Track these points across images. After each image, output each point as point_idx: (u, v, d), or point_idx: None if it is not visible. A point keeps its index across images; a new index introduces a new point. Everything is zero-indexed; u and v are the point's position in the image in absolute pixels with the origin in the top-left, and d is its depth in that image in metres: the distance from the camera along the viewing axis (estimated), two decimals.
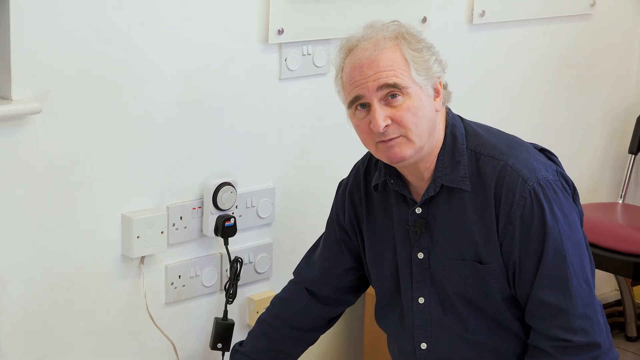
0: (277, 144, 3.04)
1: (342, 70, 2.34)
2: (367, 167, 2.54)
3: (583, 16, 3.86)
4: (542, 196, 2.27)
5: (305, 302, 2.65)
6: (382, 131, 2.26)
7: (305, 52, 3.03)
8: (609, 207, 3.99)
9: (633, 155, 4.08)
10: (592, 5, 3.85)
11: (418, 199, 2.39)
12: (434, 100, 2.31)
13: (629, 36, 4.09)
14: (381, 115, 2.26)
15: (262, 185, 3.03)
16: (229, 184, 2.89)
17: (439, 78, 2.33)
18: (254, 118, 2.97)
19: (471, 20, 3.47)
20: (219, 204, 2.88)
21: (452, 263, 2.37)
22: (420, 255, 2.41)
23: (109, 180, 2.71)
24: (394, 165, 2.37)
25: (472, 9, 3.46)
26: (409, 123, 2.26)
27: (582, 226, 2.38)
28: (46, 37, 2.52)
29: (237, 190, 2.92)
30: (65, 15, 2.54)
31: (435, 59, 2.32)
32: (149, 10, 2.69)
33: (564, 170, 2.39)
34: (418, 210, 2.39)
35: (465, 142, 2.35)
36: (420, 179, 2.37)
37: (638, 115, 4.07)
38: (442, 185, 2.34)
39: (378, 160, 2.42)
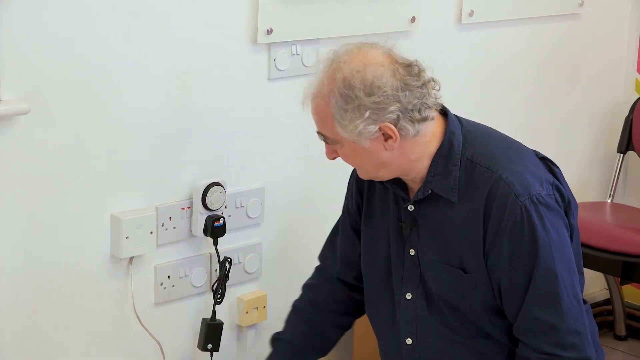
0: (266, 144, 3.04)
1: None
2: None
3: (571, 16, 3.87)
4: (533, 213, 2.26)
5: (334, 289, 2.64)
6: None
7: (294, 52, 3.03)
8: (598, 206, 3.99)
9: (621, 155, 4.08)
10: (581, 5, 3.85)
11: (412, 196, 2.39)
12: (386, 141, 2.26)
13: (617, 36, 4.10)
14: (327, 151, 2.35)
15: (251, 185, 3.03)
16: (218, 184, 2.89)
17: (387, 125, 2.23)
18: (243, 118, 2.97)
19: (460, 19, 3.47)
20: (208, 204, 2.87)
21: (438, 266, 2.37)
22: (412, 252, 2.41)
23: (98, 180, 2.70)
24: None
25: (461, 9, 3.46)
26: (351, 163, 2.34)
27: (572, 239, 2.37)
28: (34, 38, 2.52)
29: (227, 191, 2.91)
30: (53, 16, 2.54)
31: (367, 118, 2.22)
32: (138, 10, 2.69)
33: (563, 181, 2.38)
34: (410, 208, 2.39)
35: (462, 149, 2.34)
36: (412, 181, 2.38)
37: (626, 115, 4.07)
38: (431, 190, 2.35)
39: None
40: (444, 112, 2.37)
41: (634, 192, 4.23)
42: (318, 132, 2.32)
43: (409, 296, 2.43)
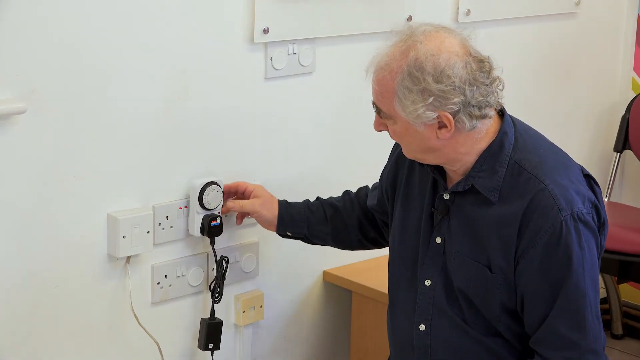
0: (263, 143, 3.04)
1: None
2: None
3: (568, 15, 3.87)
4: (572, 229, 2.25)
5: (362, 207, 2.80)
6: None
7: (290, 51, 3.03)
8: None
9: (618, 154, 4.09)
10: (577, 4, 3.86)
11: (450, 185, 2.39)
12: (439, 129, 2.26)
13: (613, 35, 4.11)
14: (376, 123, 2.34)
15: None
16: (214, 183, 2.88)
17: (446, 114, 2.24)
18: (239, 117, 2.97)
19: (456, 19, 3.47)
20: (205, 204, 2.87)
21: (464, 260, 2.36)
22: (438, 240, 2.41)
23: (95, 180, 2.70)
24: None
25: (458, 8, 3.46)
26: (399, 141, 2.34)
27: (599, 259, 2.38)
28: (31, 37, 2.51)
29: (223, 190, 2.91)
30: (50, 16, 2.53)
31: (429, 104, 2.22)
32: (134, 9, 2.68)
33: (601, 201, 2.37)
34: (446, 196, 2.39)
35: (511, 152, 2.33)
36: (454, 171, 2.38)
37: (623, 114, 4.08)
38: (472, 185, 2.35)
39: None
40: (501, 112, 2.38)
41: (630, 191, 4.24)
42: (373, 103, 2.31)
43: (427, 282, 2.43)
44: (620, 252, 3.62)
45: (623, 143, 4.07)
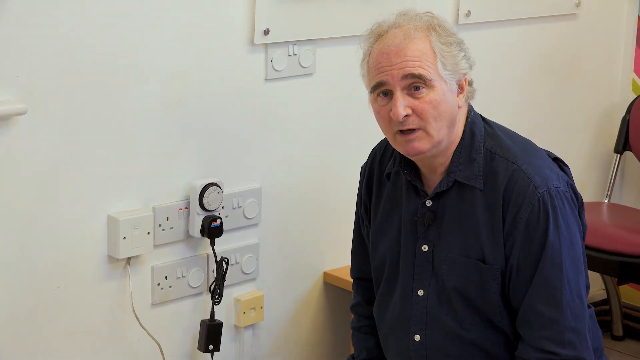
0: (263, 144, 3.04)
1: (369, 55, 2.33)
2: (384, 154, 2.53)
3: (568, 16, 3.87)
4: (549, 205, 2.27)
5: (373, 291, 2.63)
6: (401, 120, 2.26)
7: (291, 53, 3.03)
8: (595, 206, 3.99)
9: (618, 155, 4.09)
10: (578, 5, 3.86)
11: (429, 191, 2.39)
12: (457, 96, 2.32)
13: (614, 36, 4.11)
14: (402, 104, 2.26)
15: (248, 186, 3.03)
16: (215, 184, 2.88)
17: (465, 75, 2.34)
18: (239, 118, 2.97)
19: (457, 20, 3.47)
20: (205, 205, 2.87)
21: (455, 259, 2.36)
22: (425, 248, 2.41)
23: (95, 181, 2.70)
24: (410, 158, 2.37)
25: (458, 9, 3.46)
26: (429, 116, 2.26)
27: (584, 240, 2.38)
28: (31, 38, 2.52)
29: (224, 191, 2.91)
30: (49, 16, 2.54)
31: (464, 56, 2.33)
32: (134, 11, 2.69)
33: (574, 182, 2.39)
34: (428, 203, 2.38)
35: (483, 141, 2.36)
36: (433, 172, 2.38)
37: (623, 115, 4.08)
38: (455, 180, 2.35)
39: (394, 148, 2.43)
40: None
41: (631, 192, 4.24)
42: (407, 75, 2.26)
43: (420, 292, 2.43)
44: (620, 254, 3.62)
45: (623, 144, 4.07)
